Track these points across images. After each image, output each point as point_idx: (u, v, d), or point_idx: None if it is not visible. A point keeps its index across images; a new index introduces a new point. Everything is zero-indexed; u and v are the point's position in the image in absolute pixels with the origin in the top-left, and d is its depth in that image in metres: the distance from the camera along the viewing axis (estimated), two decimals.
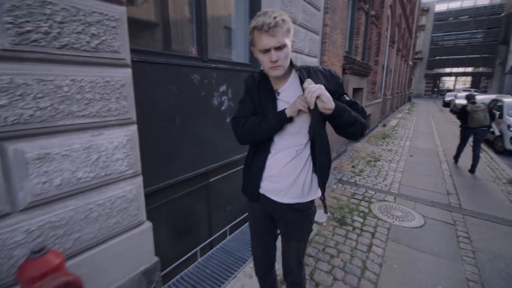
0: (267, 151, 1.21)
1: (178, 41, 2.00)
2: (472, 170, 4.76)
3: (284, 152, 1.18)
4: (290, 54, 1.07)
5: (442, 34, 37.39)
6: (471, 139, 4.87)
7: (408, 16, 15.86)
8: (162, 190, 1.84)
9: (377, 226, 2.74)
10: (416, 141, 7.44)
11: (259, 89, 1.20)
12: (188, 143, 1.98)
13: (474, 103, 4.65)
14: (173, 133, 1.86)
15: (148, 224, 1.58)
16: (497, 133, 6.83)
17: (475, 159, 4.70)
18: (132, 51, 1.55)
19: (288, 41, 1.02)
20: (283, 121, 1.11)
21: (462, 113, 4.78)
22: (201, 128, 2.08)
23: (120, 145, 1.35)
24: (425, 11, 36.87)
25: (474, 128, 4.63)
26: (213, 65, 2.10)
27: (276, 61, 1.02)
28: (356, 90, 6.01)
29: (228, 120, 2.33)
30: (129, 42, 1.33)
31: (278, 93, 1.16)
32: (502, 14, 31.94)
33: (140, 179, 1.49)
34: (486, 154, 6.13)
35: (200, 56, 2.03)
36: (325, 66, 3.88)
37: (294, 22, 2.80)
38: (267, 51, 1.01)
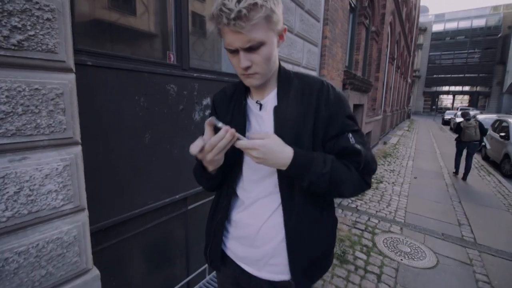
0: (233, 197, 0.85)
1: (153, 46, 1.71)
2: (464, 178, 5.51)
3: (264, 200, 0.81)
4: (274, 54, 0.72)
5: (440, 53, 38.11)
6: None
7: (407, 35, 15.98)
8: (123, 223, 1.50)
9: (383, 266, 2.38)
10: (419, 161, 7.14)
11: (235, 104, 0.86)
12: (161, 165, 1.65)
13: (468, 120, 5.32)
14: (141, 153, 1.53)
15: (94, 273, 1.22)
16: (488, 146, 7.84)
17: (467, 168, 5.45)
18: (88, 53, 1.26)
19: (268, 36, 0.67)
20: (200, 169, 0.79)
21: (457, 128, 5.61)
22: (178, 147, 1.75)
23: (53, 172, 1.02)
24: (423, 30, 37.68)
25: (466, 142, 5.37)
26: (195, 75, 1.81)
27: (248, 67, 0.69)
28: (357, 107, 5.76)
29: None
30: (85, 43, 1.03)
31: (261, 106, 0.81)
32: (499, 35, 32.60)
33: (83, 216, 1.15)
34: (494, 177, 5.82)
35: (179, 64, 1.74)
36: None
37: (290, 31, 2.54)
38: (233, 51, 0.69)
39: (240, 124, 0.81)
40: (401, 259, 2.52)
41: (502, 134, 6.80)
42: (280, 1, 0.73)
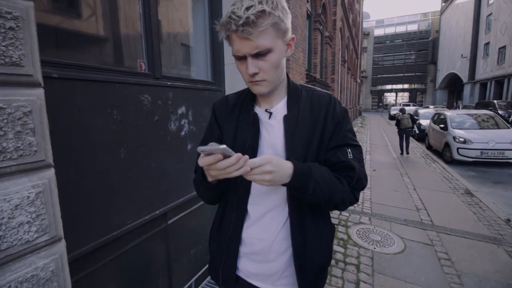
0: (242, 212, 0.82)
1: (123, 54, 1.60)
2: (407, 152, 7.67)
3: (273, 213, 0.80)
4: (282, 62, 0.73)
5: (382, 55, 41.95)
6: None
7: (354, 39, 17.31)
8: (101, 248, 1.37)
9: (359, 256, 2.53)
10: (375, 154, 7.75)
11: (240, 113, 0.84)
12: (139, 180, 1.55)
13: (404, 113, 7.72)
14: (117, 170, 1.42)
15: None
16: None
17: (407, 146, 7.65)
18: (53, 64, 1.13)
19: (275, 44, 0.68)
20: (200, 178, 0.78)
21: (396, 120, 7.81)
22: (155, 160, 1.66)
23: (24, 202, 0.90)
24: (366, 35, 41.13)
25: (403, 129, 7.57)
26: (168, 83, 1.74)
27: (256, 74, 0.69)
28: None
29: (189, 147, 1.95)
30: (48, 54, 0.92)
31: (270, 114, 0.81)
32: (429, 39, 37.01)
33: (61, 246, 1.03)
34: (438, 164, 6.56)
35: (151, 72, 1.65)
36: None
37: None
38: (241, 58, 0.70)
39: (249, 134, 0.80)
40: (374, 248, 2.71)
41: (442, 125, 7.72)
42: (289, 11, 0.74)
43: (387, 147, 9.20)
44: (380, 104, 43.18)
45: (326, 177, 0.72)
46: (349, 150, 0.77)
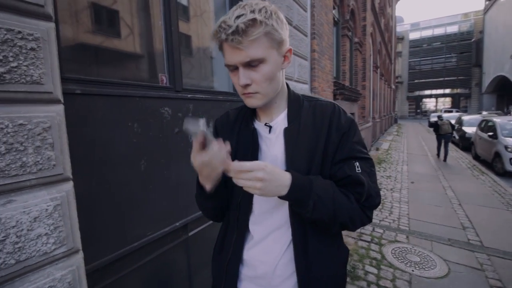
0: (243, 232, 0.78)
1: (144, 68, 1.66)
2: (444, 159, 7.72)
3: (276, 234, 0.75)
4: (277, 74, 0.69)
5: (418, 59, 39.68)
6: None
7: (387, 43, 16.61)
8: (121, 259, 1.38)
9: (395, 279, 2.29)
10: (413, 165, 7.20)
11: (240, 128, 0.81)
12: (159, 192, 1.56)
13: (442, 119, 7.98)
14: (137, 182, 1.44)
15: None
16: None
17: (446, 152, 7.75)
18: (76, 81, 1.19)
19: (269, 54, 0.64)
20: (198, 189, 0.76)
21: (435, 126, 8.08)
22: (176, 172, 1.67)
23: (42, 214, 0.92)
24: (400, 39, 39.35)
25: (442, 134, 7.79)
26: (189, 96, 1.76)
27: (248, 85, 0.66)
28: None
29: None
30: (72, 71, 0.96)
31: (270, 128, 0.76)
32: (472, 40, 34.33)
33: (78, 258, 1.04)
34: (488, 176, 5.89)
35: (172, 86, 1.68)
36: (317, 94, 3.63)
37: None
38: (233, 69, 0.67)
39: (249, 149, 0.77)
40: (412, 270, 2.44)
41: (490, 133, 6.96)
42: (285, 22, 0.71)
43: (427, 156, 8.51)
44: (418, 110, 40.57)
45: (329, 192, 0.66)
46: (357, 163, 0.71)
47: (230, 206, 0.81)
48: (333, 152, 0.72)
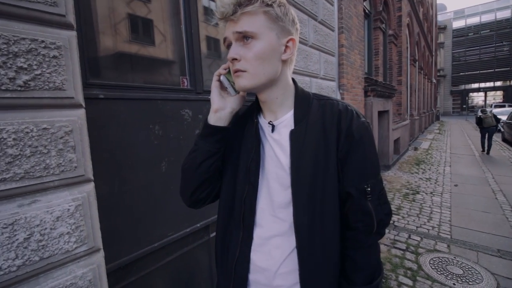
0: (249, 232, 0.74)
1: (166, 72, 1.69)
2: (488, 152, 7.88)
3: (277, 240, 0.72)
4: (272, 58, 0.65)
5: (464, 49, 36.34)
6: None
7: (426, 34, 15.42)
8: (143, 258, 1.42)
9: None
10: (457, 166, 6.57)
11: (246, 122, 0.79)
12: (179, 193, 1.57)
13: (485, 113, 8.08)
14: (158, 183, 1.47)
15: None
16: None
17: (489, 146, 7.85)
18: (100, 86, 1.24)
19: (263, 33, 0.62)
20: (204, 131, 0.75)
21: (478, 120, 8.16)
22: None
23: (64, 214, 0.97)
24: (442, 28, 36.37)
25: (486, 127, 7.86)
26: (209, 97, 1.75)
27: (235, 60, 0.64)
28: (382, 113, 5.48)
29: None
30: (96, 76, 1.01)
31: (273, 127, 0.72)
32: None
33: (99, 257, 1.08)
34: None
35: (193, 88, 1.70)
36: (346, 91, 3.46)
37: (304, 44, 2.45)
38: (229, 46, 0.66)
39: (253, 146, 0.74)
40: (454, 284, 2.20)
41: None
42: (297, 21, 0.70)
43: (474, 157, 7.72)
44: (464, 106, 37.11)
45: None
46: (368, 187, 0.67)
47: (234, 204, 0.77)
48: (343, 159, 0.68)
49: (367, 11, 5.12)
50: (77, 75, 0.99)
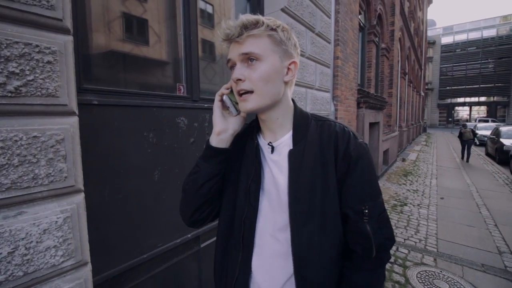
0: (248, 252, 0.74)
1: (162, 78, 1.66)
2: (467, 160, 9.36)
3: (277, 261, 0.71)
4: (275, 80, 0.66)
5: (451, 65, 37.59)
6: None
7: (417, 49, 15.88)
8: (131, 270, 1.37)
9: None
10: (442, 179, 6.73)
11: (246, 142, 0.79)
12: (172, 202, 1.54)
13: (465, 127, 9.79)
14: (150, 192, 1.43)
15: None
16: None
17: (468, 155, 9.42)
18: (94, 92, 1.20)
19: (267, 55, 0.64)
20: (206, 153, 0.74)
21: (460, 134, 9.89)
22: None
23: (52, 227, 0.92)
24: (432, 43, 37.55)
25: (466, 140, 9.45)
26: (205, 105, 1.74)
27: (240, 80, 0.64)
28: (373, 125, 5.57)
29: None
30: (89, 81, 0.97)
31: (273, 148, 0.72)
32: None
33: (86, 271, 1.03)
34: None
35: (189, 95, 1.67)
36: (340, 104, 3.50)
37: (302, 55, 2.47)
38: (232, 67, 0.68)
39: (253, 167, 0.74)
40: None
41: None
42: (298, 45, 0.72)
43: (459, 170, 7.94)
44: (450, 119, 38.29)
45: None
46: (366, 209, 0.66)
47: (233, 224, 0.77)
48: (341, 180, 0.68)
49: (362, 24, 5.23)
50: (72, 81, 0.95)
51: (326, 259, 0.67)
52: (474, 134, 9.91)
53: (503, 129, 10.49)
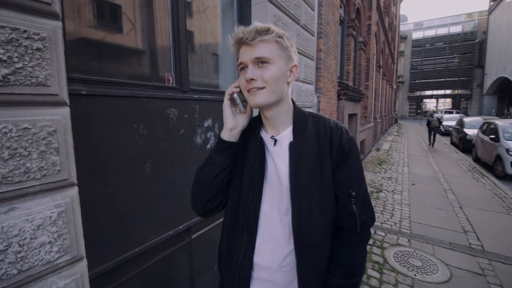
0: (252, 235, 0.82)
1: (151, 68, 1.61)
2: (432, 145, 10.91)
3: (275, 243, 0.81)
4: (282, 80, 0.76)
5: (421, 59, 39.47)
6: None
7: (390, 43, 16.49)
8: (124, 264, 1.35)
9: (397, 284, 2.28)
10: (413, 166, 7.18)
11: (250, 134, 0.87)
12: (163, 195, 1.53)
13: (433, 116, 11.03)
14: (142, 185, 1.41)
15: None
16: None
17: (434, 140, 10.96)
18: (81, 81, 1.15)
19: (276, 59, 0.74)
20: (219, 147, 0.81)
21: (428, 122, 11.17)
22: (181, 174, 1.64)
23: (46, 222, 0.89)
24: (404, 38, 39.10)
25: (432, 127, 10.79)
26: (195, 96, 1.71)
27: (253, 80, 0.73)
28: (351, 116, 5.77)
29: None
30: (77, 70, 0.93)
31: (275, 141, 0.80)
32: (476, 41, 34.16)
33: (82, 266, 1.01)
34: (488, 179, 5.88)
35: (178, 86, 1.64)
36: (322, 94, 3.59)
37: None
38: (243, 68, 0.76)
39: (257, 158, 0.81)
40: (415, 275, 2.43)
41: (492, 136, 6.95)
42: (296, 51, 0.82)
43: (427, 158, 8.49)
44: (419, 111, 40.49)
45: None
46: (354, 191, 0.77)
47: (239, 211, 0.84)
48: (334, 168, 0.78)
49: (342, 18, 5.33)
50: (62, 70, 0.91)
51: (322, 236, 0.77)
52: (440, 122, 11.45)
53: (467, 120, 11.32)
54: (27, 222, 0.85)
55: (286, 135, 0.81)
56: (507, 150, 6.13)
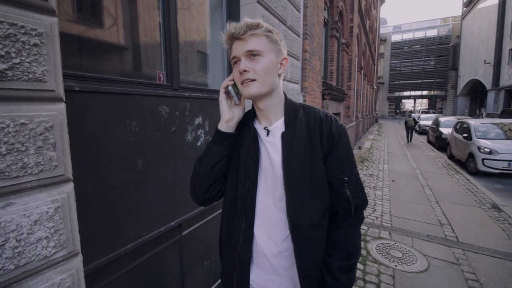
0: (250, 222, 0.86)
1: (142, 65, 1.61)
2: (410, 141, 12.13)
3: (273, 229, 0.85)
4: (273, 73, 0.81)
5: (400, 61, 40.98)
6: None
7: (371, 45, 17.03)
8: (115, 260, 1.36)
9: (380, 274, 2.41)
10: (393, 164, 7.49)
11: (244, 125, 0.91)
12: (155, 191, 1.54)
13: (410, 116, 12.23)
14: (134, 181, 1.42)
15: None
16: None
17: (411, 137, 12.15)
18: (74, 77, 1.15)
19: (267, 52, 0.78)
20: (217, 137, 0.85)
21: (405, 122, 12.26)
22: (172, 171, 1.65)
23: (43, 217, 0.89)
24: (383, 40, 40.42)
25: (409, 126, 11.94)
26: (186, 94, 1.73)
27: (246, 71, 0.77)
28: (335, 115, 5.93)
29: None
30: (70, 67, 0.93)
31: (268, 132, 0.85)
32: (450, 44, 35.89)
33: (77, 261, 1.02)
34: (461, 175, 6.24)
35: (169, 83, 1.65)
36: (307, 94, 3.68)
37: None
38: (236, 62, 0.81)
39: (251, 148, 0.86)
40: (396, 265, 2.57)
41: (465, 135, 7.37)
42: (285, 46, 0.87)
43: (406, 156, 8.88)
44: (398, 111, 42.07)
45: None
46: (346, 176, 0.81)
47: (236, 199, 0.88)
48: (325, 157, 0.82)
49: (325, 19, 5.47)
50: (59, 66, 0.91)
51: (317, 220, 0.81)
52: (416, 122, 12.65)
53: (442, 119, 11.90)
54: (24, 217, 0.85)
55: (278, 126, 0.85)
56: (479, 148, 6.54)
